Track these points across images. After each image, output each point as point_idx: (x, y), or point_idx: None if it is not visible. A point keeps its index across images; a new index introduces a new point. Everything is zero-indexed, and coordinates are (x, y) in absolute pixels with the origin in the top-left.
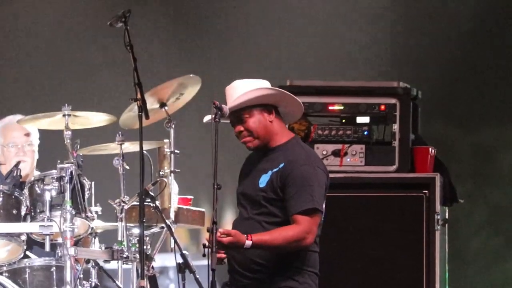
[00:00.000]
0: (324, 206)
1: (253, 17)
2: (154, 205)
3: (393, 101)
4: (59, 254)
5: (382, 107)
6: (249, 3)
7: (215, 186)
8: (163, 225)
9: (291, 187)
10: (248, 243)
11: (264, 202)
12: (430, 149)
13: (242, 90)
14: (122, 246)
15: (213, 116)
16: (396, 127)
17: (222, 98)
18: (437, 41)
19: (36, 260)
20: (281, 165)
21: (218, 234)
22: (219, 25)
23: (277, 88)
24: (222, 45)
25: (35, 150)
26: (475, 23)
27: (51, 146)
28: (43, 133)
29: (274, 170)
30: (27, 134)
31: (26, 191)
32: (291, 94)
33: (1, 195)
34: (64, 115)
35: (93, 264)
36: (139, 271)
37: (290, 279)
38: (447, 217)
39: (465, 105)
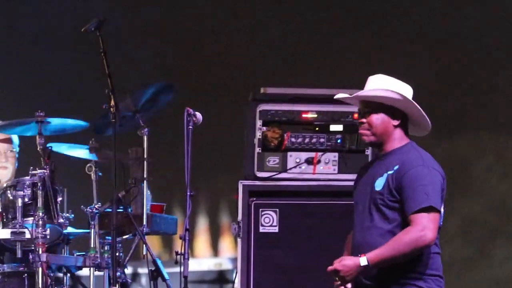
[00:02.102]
0: (442, 209)
1: (229, 23)
2: (126, 212)
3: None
4: (31, 260)
5: (356, 115)
6: (226, 9)
7: (188, 193)
8: (136, 232)
9: (406, 188)
10: (363, 260)
11: (381, 206)
12: None
13: (379, 85)
14: (94, 253)
15: (186, 123)
16: None
17: (196, 105)
18: (411, 49)
19: (8, 267)
20: (396, 167)
21: (335, 267)
22: (194, 32)
23: (406, 96)
24: (196, 52)
25: (16, 156)
26: (451, 29)
27: (24, 152)
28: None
29: (390, 172)
30: (9, 140)
31: None
32: (419, 107)
33: None
34: (37, 122)
35: (65, 271)
36: (111, 278)
37: (413, 286)
38: None
39: (439, 112)
